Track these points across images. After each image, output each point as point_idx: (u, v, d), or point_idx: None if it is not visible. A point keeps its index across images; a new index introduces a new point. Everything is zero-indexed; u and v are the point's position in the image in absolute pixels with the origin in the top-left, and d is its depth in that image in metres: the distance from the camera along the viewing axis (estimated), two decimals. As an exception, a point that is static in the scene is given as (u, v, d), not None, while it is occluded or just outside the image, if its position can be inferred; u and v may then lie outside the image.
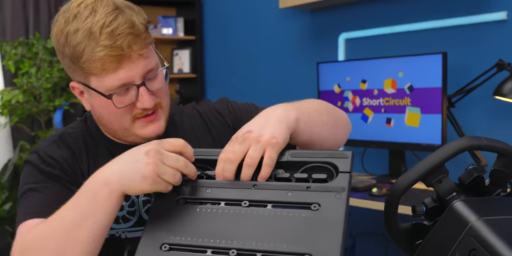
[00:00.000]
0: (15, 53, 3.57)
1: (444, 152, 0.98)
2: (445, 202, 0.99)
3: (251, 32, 3.78)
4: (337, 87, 2.91)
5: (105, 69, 1.11)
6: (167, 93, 1.25)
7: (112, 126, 1.23)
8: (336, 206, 0.89)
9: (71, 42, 1.10)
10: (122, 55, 1.10)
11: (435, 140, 2.50)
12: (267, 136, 0.98)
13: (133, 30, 1.11)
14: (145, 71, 1.15)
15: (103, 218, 0.96)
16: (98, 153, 1.27)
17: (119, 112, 1.17)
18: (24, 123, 3.77)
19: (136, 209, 1.25)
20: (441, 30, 2.71)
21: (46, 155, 1.22)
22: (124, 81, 1.13)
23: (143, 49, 1.13)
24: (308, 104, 1.15)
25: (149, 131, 1.21)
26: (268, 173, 0.97)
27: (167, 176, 0.94)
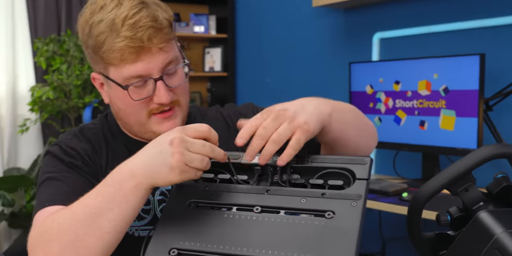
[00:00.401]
0: (47, 49, 3.59)
1: (471, 159, 0.95)
2: (471, 212, 0.95)
3: (283, 31, 3.74)
4: (370, 88, 2.84)
5: (124, 60, 1.13)
6: (187, 92, 1.25)
7: (128, 120, 1.23)
8: (351, 215, 0.86)
9: (94, 32, 1.13)
10: (142, 47, 1.12)
11: (470, 145, 2.41)
12: (301, 120, 0.94)
13: (155, 24, 1.13)
14: (163, 64, 1.16)
15: (127, 210, 0.94)
16: (117, 150, 1.27)
17: (135, 105, 1.18)
18: (54, 119, 3.80)
19: (151, 207, 1.25)
20: (479, 31, 2.62)
21: (67, 146, 1.23)
22: (142, 72, 1.14)
23: (163, 43, 1.14)
24: (341, 103, 1.12)
25: (165, 128, 1.20)
26: (290, 156, 0.92)
27: (196, 163, 0.91)
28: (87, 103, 3.65)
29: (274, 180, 0.97)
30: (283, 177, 0.96)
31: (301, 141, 0.92)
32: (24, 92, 3.82)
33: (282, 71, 3.77)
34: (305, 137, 0.93)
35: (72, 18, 3.86)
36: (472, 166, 0.94)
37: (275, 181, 0.97)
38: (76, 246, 0.92)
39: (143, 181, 0.92)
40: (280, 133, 0.92)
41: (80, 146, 1.24)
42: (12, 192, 3.49)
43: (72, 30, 3.82)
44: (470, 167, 0.94)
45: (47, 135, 3.82)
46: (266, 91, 3.88)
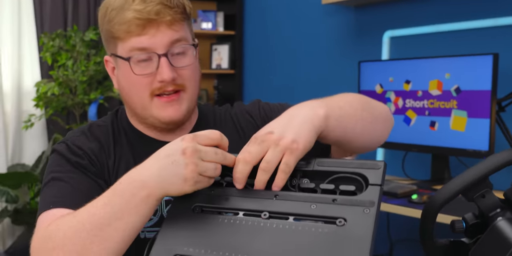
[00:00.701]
0: (53, 45, 3.57)
1: (488, 164, 0.91)
2: (488, 219, 0.91)
3: (292, 28, 3.69)
4: (379, 87, 2.79)
5: (130, 32, 1.13)
6: (195, 79, 1.22)
7: (133, 102, 1.21)
8: (363, 222, 0.81)
9: (109, 9, 1.16)
10: (149, 20, 1.12)
11: (482, 146, 2.36)
12: (288, 140, 0.90)
13: (166, 2, 1.14)
14: (170, 41, 1.15)
15: (137, 220, 0.92)
16: (126, 148, 1.25)
17: (138, 84, 1.17)
18: (59, 115, 3.78)
19: (158, 208, 1.22)
20: (492, 30, 2.57)
21: (74, 145, 1.20)
22: (145, 45, 1.14)
23: (171, 20, 1.14)
24: (340, 97, 1.07)
25: (167, 113, 1.19)
26: (283, 181, 0.89)
27: (209, 172, 0.89)
28: (93, 99, 3.63)
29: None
30: (292, 182, 0.92)
31: (290, 163, 0.89)
32: (29, 87, 3.80)
33: (290, 69, 3.73)
34: (294, 157, 0.89)
35: (78, 14, 3.83)
36: (490, 171, 0.90)
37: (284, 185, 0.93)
38: (81, 255, 0.90)
39: (156, 192, 0.90)
40: (267, 160, 0.89)
41: (87, 145, 1.21)
42: (16, 189, 3.47)
43: (78, 26, 3.80)
44: (487, 172, 0.90)
45: (51, 131, 3.80)
46: (273, 89, 3.84)
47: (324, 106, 0.98)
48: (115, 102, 3.84)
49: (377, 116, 1.11)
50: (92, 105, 3.63)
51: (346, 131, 1.02)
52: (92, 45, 3.69)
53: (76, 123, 3.74)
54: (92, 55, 3.65)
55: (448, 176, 2.64)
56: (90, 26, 3.81)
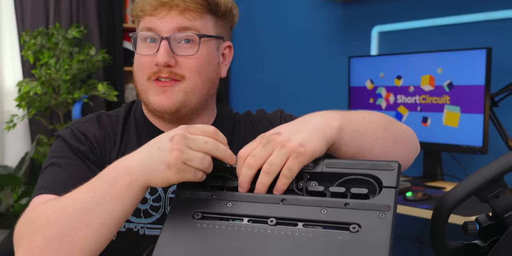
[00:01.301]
0: (34, 43, 3.48)
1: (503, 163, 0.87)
2: (503, 220, 0.88)
3: (280, 24, 3.65)
4: (370, 83, 2.75)
5: (143, 11, 1.15)
6: (198, 73, 1.18)
7: (137, 84, 1.22)
8: (379, 228, 0.76)
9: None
10: (162, 3, 1.13)
11: (475, 142, 2.34)
12: (295, 143, 0.86)
13: None
14: (177, 26, 1.15)
15: (119, 208, 0.89)
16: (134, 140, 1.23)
17: (140, 64, 1.18)
18: (42, 115, 3.69)
19: (161, 205, 1.18)
20: (485, 24, 2.54)
21: (78, 131, 1.20)
22: (153, 25, 1.15)
23: (185, 8, 1.14)
24: (360, 113, 1.02)
25: (158, 99, 1.17)
26: (284, 185, 0.85)
27: (195, 162, 0.84)
28: (77, 98, 3.55)
29: (289, 188, 0.87)
30: (299, 185, 0.87)
31: (294, 167, 0.85)
32: (11, 87, 3.71)
33: (278, 66, 3.68)
34: (299, 162, 0.85)
35: (60, 11, 3.75)
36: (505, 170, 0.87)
37: (290, 188, 0.87)
38: (61, 240, 0.88)
39: (138, 178, 0.87)
40: (271, 162, 0.85)
41: (92, 132, 1.20)
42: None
43: (60, 23, 3.72)
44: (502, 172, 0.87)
45: (35, 132, 3.72)
46: (261, 86, 3.80)
47: (339, 118, 0.94)
48: (100, 101, 3.77)
49: (400, 138, 1.05)
50: (76, 104, 3.56)
51: (362, 148, 0.97)
52: (75, 43, 3.61)
53: (60, 123, 3.66)
54: (75, 53, 3.57)
55: (440, 172, 2.62)
56: (72, 23, 3.73)
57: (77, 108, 3.55)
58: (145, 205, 1.18)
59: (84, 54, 3.56)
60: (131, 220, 1.17)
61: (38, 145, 3.53)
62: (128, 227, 1.17)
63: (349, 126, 0.94)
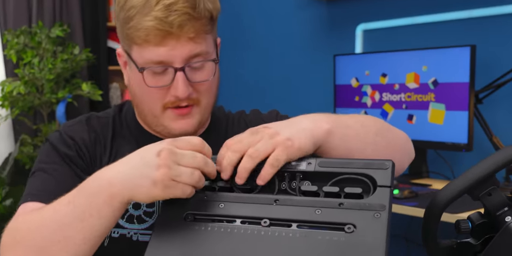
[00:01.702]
0: (17, 42, 3.45)
1: (496, 160, 0.86)
2: (496, 218, 0.87)
3: (264, 23, 3.64)
4: (355, 81, 2.76)
5: (147, 41, 1.04)
6: (211, 93, 1.14)
7: (143, 108, 1.15)
8: (375, 228, 0.76)
9: (127, 5, 1.06)
10: (170, 32, 1.02)
11: (460, 139, 2.35)
12: (283, 136, 0.87)
13: (191, 11, 1.03)
14: (189, 55, 1.06)
15: (98, 223, 0.87)
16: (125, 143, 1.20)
17: (151, 94, 1.10)
18: (25, 116, 3.66)
19: (155, 210, 1.15)
20: (468, 21, 2.56)
21: (66, 134, 1.17)
22: (163, 58, 1.05)
23: (194, 33, 1.05)
24: (353, 117, 1.01)
25: (178, 125, 1.13)
26: (269, 175, 0.85)
27: (183, 178, 0.82)
28: (61, 98, 3.52)
29: (281, 188, 0.87)
30: (292, 184, 0.87)
31: (280, 158, 0.85)
32: (-6, 87, 3.68)
33: (264, 64, 3.68)
34: (286, 154, 0.85)
35: (43, 9, 3.72)
36: (497, 168, 0.86)
37: (282, 188, 0.87)
38: (41, 252, 0.87)
39: (120, 193, 0.85)
40: (257, 147, 0.85)
41: (80, 135, 1.17)
42: (-18, 192, 3.36)
43: (44, 22, 3.68)
44: (494, 169, 0.86)
45: (18, 132, 3.69)
46: (246, 85, 3.79)
47: (330, 121, 0.94)
48: (84, 101, 3.75)
49: (393, 143, 1.04)
50: (60, 104, 3.53)
51: (352, 152, 0.96)
52: (59, 42, 3.58)
53: (43, 123, 3.63)
54: (59, 52, 3.54)
55: (426, 170, 2.63)
56: (56, 22, 3.70)
57: (61, 107, 3.52)
58: (139, 211, 1.15)
59: (68, 53, 3.53)
60: (124, 226, 1.14)
61: (22, 145, 3.50)
62: (122, 233, 1.14)
63: (338, 130, 0.94)
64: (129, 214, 1.14)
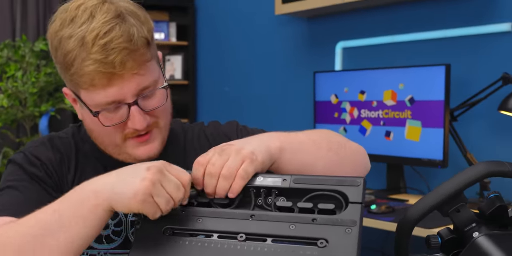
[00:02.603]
0: (1, 55, 3.48)
1: (463, 178, 0.90)
2: (464, 234, 0.90)
3: (245, 39, 3.69)
4: (334, 98, 2.81)
5: (94, 85, 1.02)
6: (167, 113, 1.14)
7: (102, 141, 1.14)
8: (346, 243, 0.80)
9: (63, 48, 1.02)
10: (113, 73, 1.00)
11: (436, 156, 2.41)
12: (248, 151, 0.93)
13: (129, 45, 1.01)
14: (138, 89, 1.05)
15: (83, 231, 0.88)
16: (88, 163, 1.18)
17: (109, 129, 1.08)
18: (8, 128, 3.67)
19: (123, 229, 1.16)
20: (443, 41, 2.63)
21: (32, 155, 1.14)
22: (113, 98, 1.03)
23: (138, 67, 1.03)
24: (307, 134, 1.08)
25: (141, 152, 1.12)
26: (240, 187, 0.90)
27: (160, 200, 0.85)
28: (44, 111, 3.54)
29: (257, 203, 0.91)
30: (268, 200, 0.91)
31: (249, 170, 0.91)
32: (-23, 100, 3.67)
33: (244, 80, 3.72)
34: (253, 167, 0.91)
35: (27, 23, 3.74)
36: (465, 186, 0.90)
37: (258, 204, 0.91)
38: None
39: (104, 201, 0.87)
40: (229, 166, 0.90)
41: (46, 155, 1.15)
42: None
43: (27, 36, 3.70)
44: (462, 187, 0.90)
45: (1, 145, 3.69)
46: (228, 100, 3.83)
47: (282, 138, 1.01)
48: (67, 114, 3.76)
49: (346, 158, 1.10)
50: (43, 117, 3.55)
51: (304, 167, 1.02)
52: (42, 56, 3.60)
53: (26, 136, 3.64)
54: (43, 66, 3.57)
55: (403, 185, 2.68)
56: (40, 36, 3.72)
57: (44, 121, 3.53)
58: (107, 230, 1.15)
59: (52, 67, 3.55)
60: (94, 246, 1.14)
61: (4, 158, 3.50)
62: (91, 254, 1.14)
63: (289, 146, 1.00)
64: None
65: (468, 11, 2.54)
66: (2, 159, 3.47)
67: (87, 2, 1.03)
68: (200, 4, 4.06)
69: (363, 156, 1.17)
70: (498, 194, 0.92)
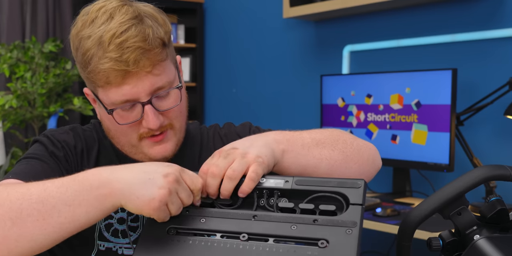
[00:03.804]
0: (10, 56, 3.49)
1: (464, 181, 0.91)
2: (465, 236, 0.91)
3: (253, 42, 3.71)
4: (341, 101, 2.82)
5: (109, 83, 1.06)
6: (182, 114, 1.17)
7: (119, 140, 1.17)
8: (346, 244, 0.81)
9: (82, 48, 1.07)
10: (127, 71, 1.04)
11: (442, 160, 2.41)
12: (253, 155, 0.93)
13: (143, 44, 1.04)
14: (152, 89, 1.08)
15: (83, 215, 0.87)
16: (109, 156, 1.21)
17: (125, 128, 1.12)
18: (17, 129, 3.69)
19: (139, 225, 1.18)
20: (451, 45, 2.63)
21: (55, 138, 1.16)
22: (128, 97, 1.07)
23: (151, 66, 1.06)
24: (311, 134, 1.08)
25: (156, 151, 1.15)
26: (250, 188, 0.91)
27: (174, 207, 0.88)
28: (52, 112, 3.56)
29: (260, 204, 0.92)
30: (270, 201, 0.92)
31: (258, 171, 0.91)
32: (-14, 100, 3.70)
33: (251, 82, 3.74)
34: (262, 168, 0.92)
35: (37, 25, 3.77)
36: (466, 189, 0.91)
37: (261, 205, 0.92)
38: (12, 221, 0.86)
39: (115, 195, 0.86)
40: (234, 168, 0.91)
41: (68, 141, 1.17)
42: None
43: (37, 37, 3.73)
44: (464, 190, 0.90)
45: (10, 145, 3.71)
46: (235, 102, 3.84)
47: (285, 141, 1.01)
48: (75, 115, 3.78)
49: (352, 156, 1.10)
50: (51, 118, 3.56)
51: (306, 169, 1.03)
52: (51, 57, 3.63)
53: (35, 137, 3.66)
54: (51, 67, 3.59)
55: (409, 189, 2.68)
56: (49, 37, 3.75)
57: (52, 121, 3.55)
58: (123, 225, 1.17)
59: (60, 68, 3.57)
60: (110, 239, 1.16)
61: (13, 158, 3.52)
62: (107, 247, 1.16)
63: (292, 149, 1.01)
64: (113, 228, 1.17)
65: (475, 16, 2.54)
66: (10, 159, 3.50)
67: (108, 5, 1.07)
68: (208, 7, 4.08)
69: (371, 153, 1.16)
70: (499, 198, 0.93)
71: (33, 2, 3.76)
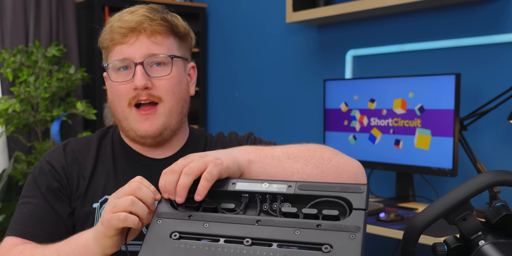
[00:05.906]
0: (14, 60, 3.49)
1: (469, 187, 0.91)
2: (470, 242, 0.91)
3: (256, 47, 3.71)
4: (344, 106, 2.82)
5: (113, 40, 1.22)
6: (172, 92, 1.25)
7: (117, 113, 1.27)
8: (350, 248, 0.81)
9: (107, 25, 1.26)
10: (131, 28, 1.20)
11: (445, 164, 2.40)
12: (211, 156, 0.96)
13: (149, 14, 1.22)
14: (147, 53, 1.22)
15: None
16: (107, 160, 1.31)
17: (117, 91, 1.24)
18: (20, 133, 3.69)
19: None
20: (454, 50, 2.63)
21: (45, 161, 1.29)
22: (125, 55, 1.22)
23: (152, 31, 1.21)
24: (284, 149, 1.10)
25: (142, 126, 1.24)
26: (205, 188, 0.92)
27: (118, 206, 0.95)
28: (55, 116, 3.56)
29: (263, 209, 0.92)
30: (273, 206, 0.92)
31: (213, 172, 0.92)
32: (-11, 104, 3.70)
33: (254, 87, 3.73)
34: (218, 170, 0.93)
35: (40, 29, 3.77)
36: (471, 194, 0.90)
37: (264, 209, 0.92)
38: None
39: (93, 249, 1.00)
40: (190, 165, 0.93)
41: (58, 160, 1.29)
42: (-25, 208, 3.37)
43: (40, 41, 3.73)
44: (469, 195, 0.90)
45: (13, 149, 3.71)
46: (238, 108, 3.84)
47: (253, 152, 1.04)
48: (79, 119, 3.78)
49: (328, 172, 1.09)
50: (54, 122, 3.56)
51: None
52: (55, 61, 3.63)
53: (38, 141, 3.66)
54: (55, 71, 3.59)
55: (412, 194, 2.68)
56: (52, 41, 3.75)
57: (55, 126, 3.55)
58: None
59: (64, 72, 3.57)
60: None
61: (16, 162, 3.52)
62: None
63: (260, 159, 1.04)
64: None
65: (479, 21, 2.54)
66: (14, 162, 3.49)
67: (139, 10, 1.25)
68: (211, 12, 4.09)
69: (352, 170, 1.14)
70: (504, 203, 0.92)
71: (36, 7, 3.76)
